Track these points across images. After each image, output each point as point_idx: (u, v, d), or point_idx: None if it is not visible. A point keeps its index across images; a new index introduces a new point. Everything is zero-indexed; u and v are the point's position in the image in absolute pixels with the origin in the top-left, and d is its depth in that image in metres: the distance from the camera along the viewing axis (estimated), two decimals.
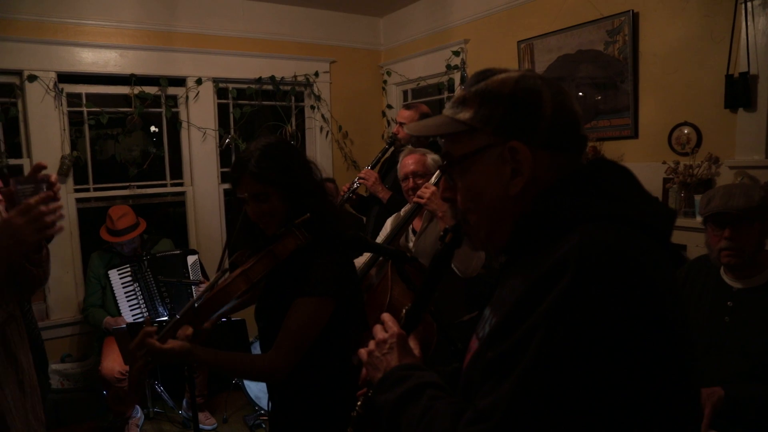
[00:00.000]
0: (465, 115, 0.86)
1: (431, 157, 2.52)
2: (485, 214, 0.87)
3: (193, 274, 3.61)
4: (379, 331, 1.02)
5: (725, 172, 2.61)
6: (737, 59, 2.55)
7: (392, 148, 3.41)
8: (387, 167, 3.43)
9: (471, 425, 0.73)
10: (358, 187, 3.33)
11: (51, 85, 3.57)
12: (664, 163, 2.76)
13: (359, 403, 1.07)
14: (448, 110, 0.91)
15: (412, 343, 1.03)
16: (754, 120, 2.52)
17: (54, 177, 1.42)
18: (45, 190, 1.38)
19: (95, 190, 3.91)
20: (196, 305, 1.47)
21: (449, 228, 1.03)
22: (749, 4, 2.47)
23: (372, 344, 1.01)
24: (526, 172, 0.82)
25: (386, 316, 1.04)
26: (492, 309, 0.90)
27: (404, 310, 1.08)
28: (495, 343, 0.76)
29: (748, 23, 2.48)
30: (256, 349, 3.44)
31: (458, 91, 0.92)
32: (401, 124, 3.31)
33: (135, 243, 3.54)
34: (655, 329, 0.69)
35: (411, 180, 2.51)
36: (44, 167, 1.41)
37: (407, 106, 3.39)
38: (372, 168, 3.38)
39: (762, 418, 1.62)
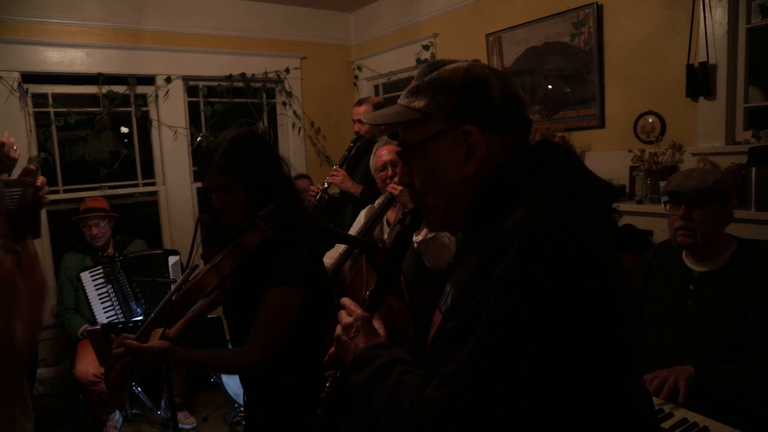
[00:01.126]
0: (419, 103, 0.92)
1: None
2: (442, 195, 0.93)
3: (174, 275, 3.58)
4: (344, 316, 1.05)
5: (688, 159, 2.70)
6: (697, 49, 2.64)
7: (356, 146, 3.49)
8: (353, 165, 3.52)
9: (436, 390, 0.77)
10: (328, 186, 3.38)
11: (15, 85, 3.49)
12: (630, 151, 2.84)
13: (328, 384, 1.11)
14: (402, 100, 0.96)
15: (377, 324, 1.08)
16: (713, 108, 2.62)
17: (42, 180, 1.42)
18: (31, 193, 1.38)
19: (65, 191, 3.84)
20: (170, 302, 1.48)
21: (408, 211, 1.08)
22: None
23: (339, 329, 1.04)
24: (479, 153, 0.89)
25: (347, 301, 1.08)
26: (452, 284, 0.97)
27: (367, 293, 1.13)
28: (454, 313, 0.83)
29: (706, 14, 2.57)
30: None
31: (412, 82, 0.97)
32: (359, 121, 3.41)
33: (107, 235, 3.49)
34: (593, 287, 0.76)
35: (389, 169, 2.54)
36: (33, 171, 1.40)
37: (359, 102, 3.54)
38: (340, 167, 3.44)
39: (728, 393, 1.67)
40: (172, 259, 3.63)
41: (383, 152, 2.58)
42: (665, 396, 1.66)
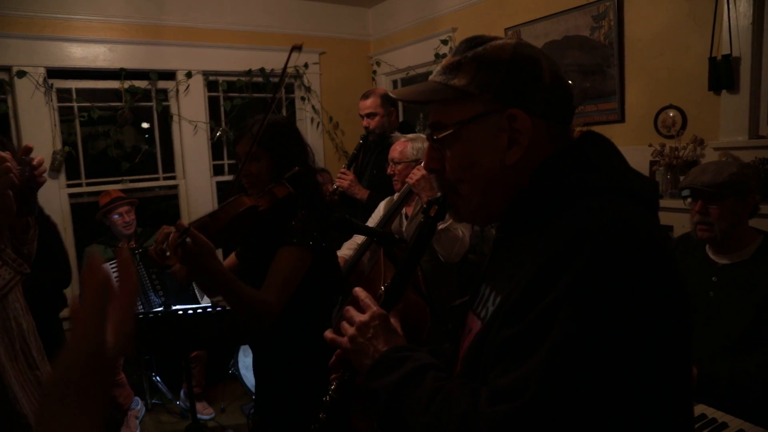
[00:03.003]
0: (460, 81, 0.83)
1: (413, 145, 2.54)
2: (478, 185, 0.85)
3: None
4: (355, 314, 0.95)
5: (710, 154, 2.66)
6: (720, 42, 2.59)
7: (365, 142, 3.38)
8: (365, 162, 3.40)
9: (495, 404, 0.70)
10: (338, 187, 3.28)
11: (41, 80, 3.57)
12: (650, 146, 2.80)
13: (333, 386, 1.01)
14: (438, 76, 0.87)
15: (394, 322, 0.98)
16: (737, 102, 2.57)
17: (39, 159, 1.45)
18: (29, 171, 1.41)
19: (87, 185, 3.92)
20: (213, 213, 1.57)
21: (433, 200, 1.00)
22: None
23: (351, 329, 0.93)
24: (524, 141, 0.81)
25: (361, 293, 0.98)
26: (492, 287, 0.88)
27: (383, 287, 1.04)
28: (510, 321, 0.74)
29: (730, 6, 2.51)
30: (244, 353, 3.47)
31: (447, 57, 0.87)
32: (367, 116, 3.29)
33: (135, 222, 3.56)
34: (671, 294, 0.71)
35: (390, 166, 2.56)
36: (30, 149, 1.44)
37: (365, 96, 3.36)
38: (348, 168, 3.33)
39: (733, 390, 1.65)
40: None
41: (394, 147, 2.59)
42: None
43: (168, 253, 1.40)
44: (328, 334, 0.98)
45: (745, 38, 2.50)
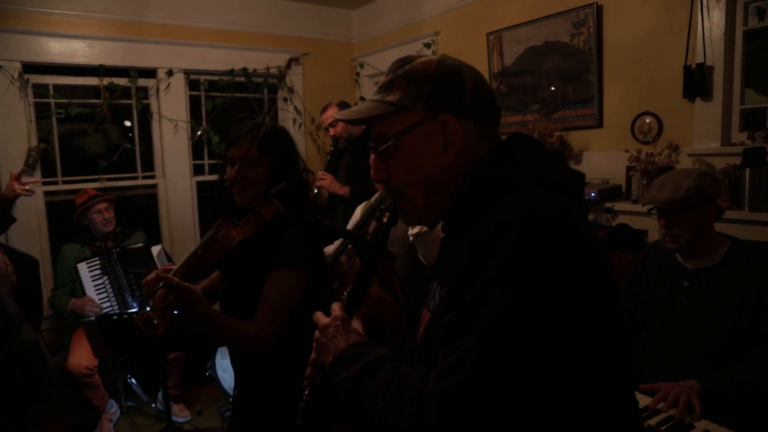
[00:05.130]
0: (394, 96, 0.92)
1: None
2: (421, 187, 0.93)
3: (160, 264, 3.59)
4: (321, 317, 1.02)
5: (684, 160, 2.71)
6: (695, 51, 2.64)
7: (336, 148, 3.74)
8: (335, 166, 3.74)
9: (440, 381, 0.75)
10: (318, 190, 3.50)
11: (16, 75, 3.51)
12: (627, 151, 2.84)
13: (306, 392, 1.05)
14: (375, 95, 0.96)
15: (356, 324, 1.03)
16: (710, 109, 2.62)
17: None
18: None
19: (64, 183, 3.86)
20: (200, 251, 1.51)
21: (385, 207, 1.05)
22: None
23: (316, 332, 1.01)
24: (457, 142, 0.90)
25: (335, 304, 1.05)
26: (439, 280, 0.95)
27: (345, 293, 1.09)
28: (450, 307, 0.81)
29: (704, 16, 2.57)
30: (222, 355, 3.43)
31: (381, 78, 0.97)
32: (331, 125, 3.66)
33: (114, 219, 3.51)
34: (594, 272, 0.77)
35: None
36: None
37: (324, 109, 3.81)
38: (325, 171, 3.63)
39: (737, 402, 1.64)
40: (155, 250, 3.63)
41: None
42: (680, 414, 1.60)
43: (155, 321, 1.36)
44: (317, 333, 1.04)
45: (718, 48, 2.56)
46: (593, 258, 0.78)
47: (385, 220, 1.05)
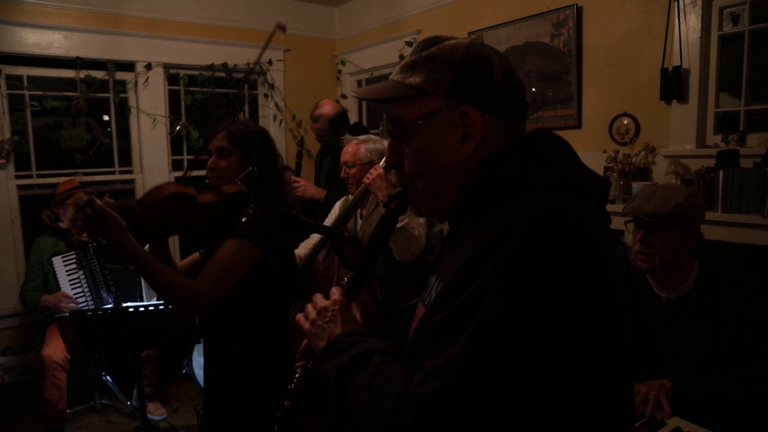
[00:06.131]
0: (415, 79, 0.86)
1: (366, 147, 2.53)
2: (434, 179, 0.88)
3: None
4: (320, 299, 0.99)
5: (660, 161, 2.75)
6: (671, 54, 2.68)
7: (301, 149, 3.81)
8: (318, 166, 3.76)
9: (422, 385, 0.72)
10: (296, 199, 3.45)
11: None
12: (604, 152, 2.88)
13: (297, 375, 1.04)
14: (396, 75, 0.90)
15: (355, 311, 1.02)
16: (686, 112, 2.67)
17: None
18: None
19: (38, 176, 3.78)
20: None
21: (394, 194, 1.02)
22: (681, 2, 2.60)
23: (313, 312, 0.97)
24: (476, 136, 0.84)
25: (334, 289, 1.02)
26: (438, 275, 0.91)
27: (346, 278, 1.07)
28: (443, 306, 0.77)
29: (680, 20, 2.61)
30: (198, 353, 3.41)
31: (406, 57, 0.91)
32: (314, 120, 3.69)
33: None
34: (596, 283, 0.72)
35: (344, 169, 2.55)
36: None
37: (317, 106, 3.81)
38: (297, 175, 3.60)
39: (707, 404, 1.62)
40: None
41: (345, 150, 2.57)
42: (650, 413, 1.59)
43: (63, 222, 1.33)
44: (299, 315, 1.00)
45: (694, 51, 2.60)
46: (601, 273, 0.72)
47: (393, 207, 1.02)
